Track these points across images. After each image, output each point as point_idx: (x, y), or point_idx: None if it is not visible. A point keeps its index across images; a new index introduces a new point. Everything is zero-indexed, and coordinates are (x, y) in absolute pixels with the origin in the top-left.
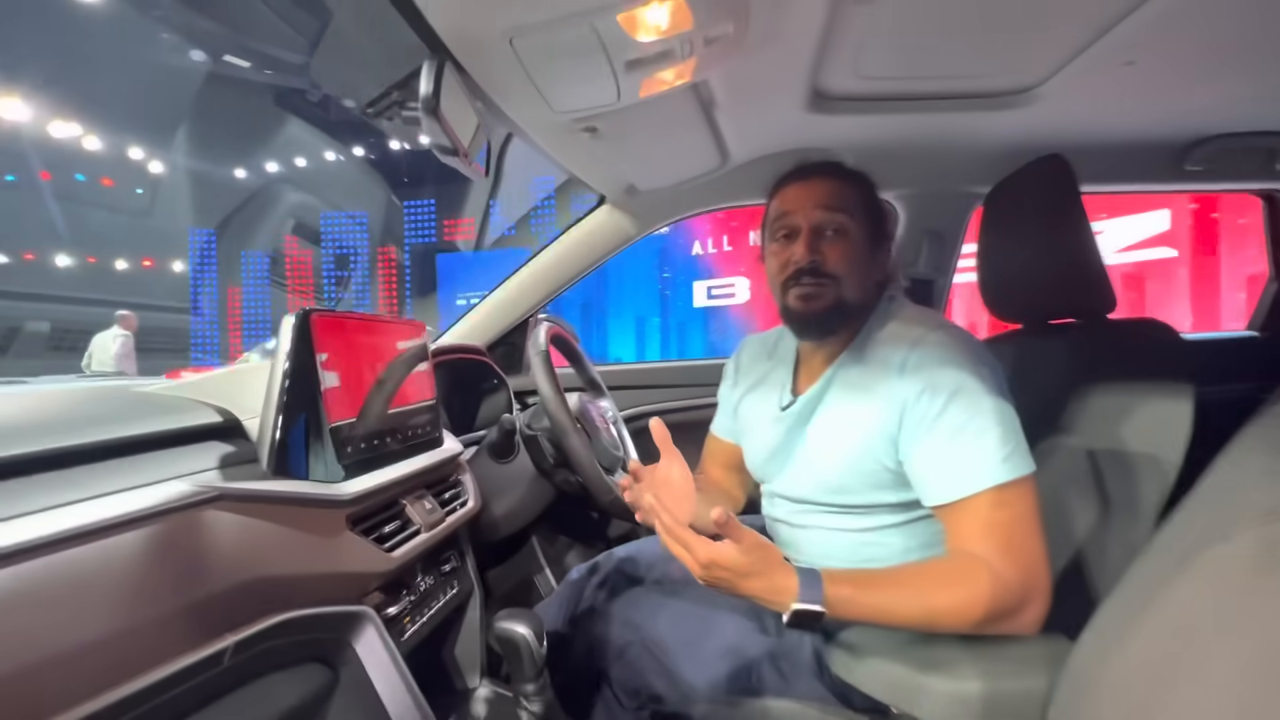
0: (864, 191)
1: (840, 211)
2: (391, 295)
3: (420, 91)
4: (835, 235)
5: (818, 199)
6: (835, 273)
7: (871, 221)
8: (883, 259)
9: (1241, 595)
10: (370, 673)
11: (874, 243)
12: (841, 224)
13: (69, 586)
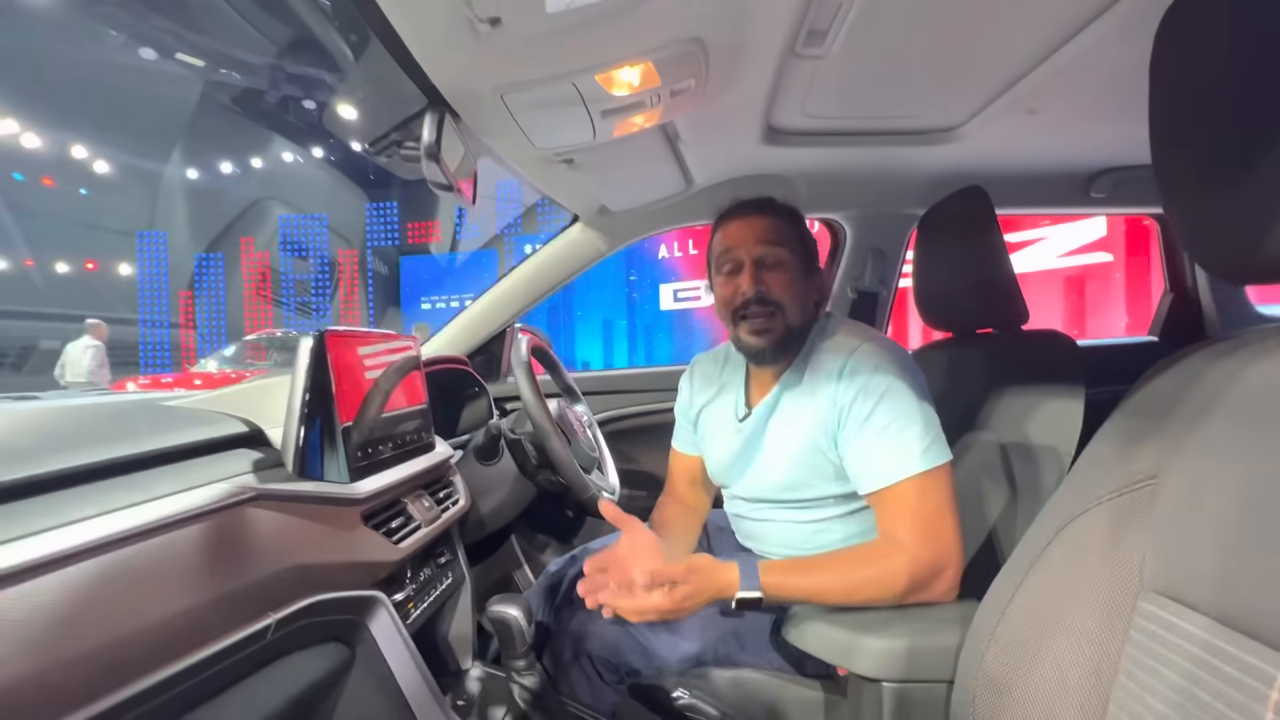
0: (796, 225)
1: (778, 245)
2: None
3: (424, 139)
4: (776, 266)
5: (757, 234)
6: (779, 300)
7: (805, 250)
8: (817, 282)
9: (1094, 557)
10: (384, 650)
11: (808, 269)
12: (780, 256)
13: (144, 573)
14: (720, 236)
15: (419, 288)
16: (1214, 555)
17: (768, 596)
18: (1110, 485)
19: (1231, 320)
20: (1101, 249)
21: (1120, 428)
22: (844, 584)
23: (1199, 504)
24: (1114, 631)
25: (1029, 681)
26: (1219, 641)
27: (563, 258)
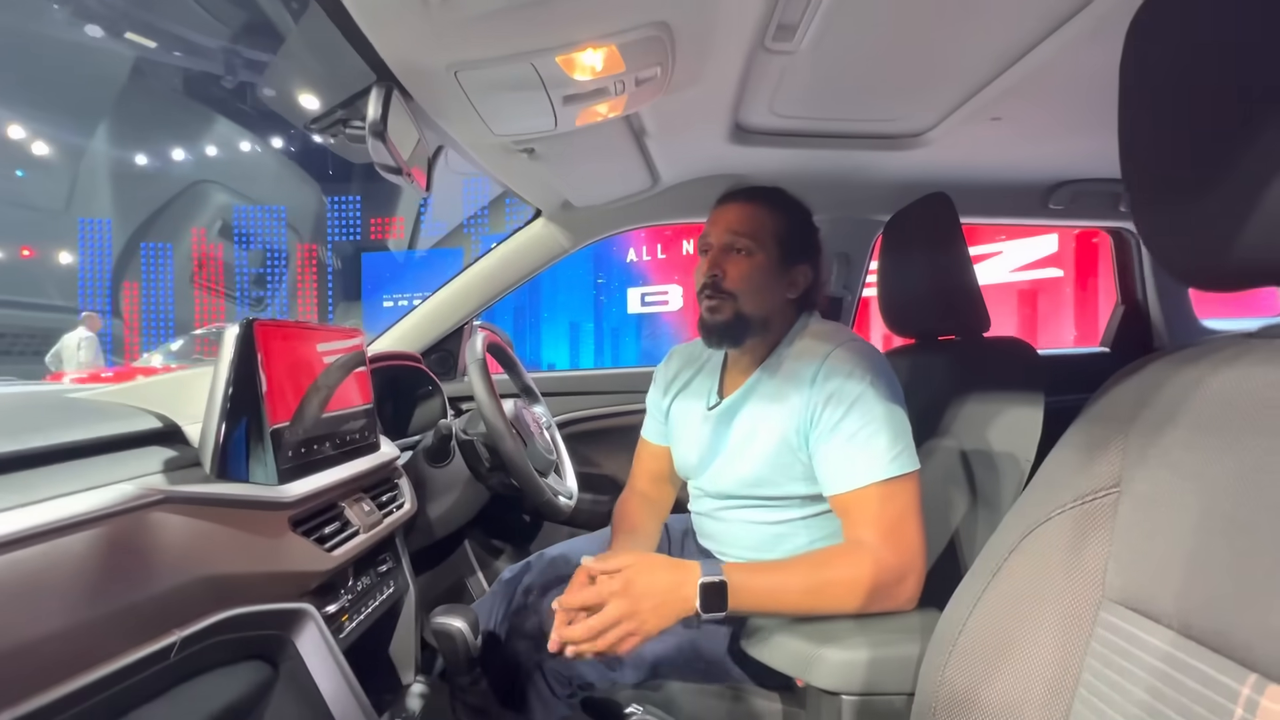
0: (780, 217)
1: (746, 235)
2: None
3: (368, 115)
4: (740, 255)
5: (728, 222)
6: (733, 289)
7: (782, 244)
8: (796, 279)
9: (1055, 567)
10: (311, 668)
11: (783, 263)
12: (746, 245)
13: (16, 587)
14: (706, 221)
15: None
16: (1176, 567)
17: (732, 590)
18: (1073, 493)
19: (1179, 332)
20: (1053, 264)
21: (1083, 435)
22: (808, 584)
23: (1161, 514)
24: (1075, 642)
25: (990, 692)
26: (1182, 655)
27: (524, 254)
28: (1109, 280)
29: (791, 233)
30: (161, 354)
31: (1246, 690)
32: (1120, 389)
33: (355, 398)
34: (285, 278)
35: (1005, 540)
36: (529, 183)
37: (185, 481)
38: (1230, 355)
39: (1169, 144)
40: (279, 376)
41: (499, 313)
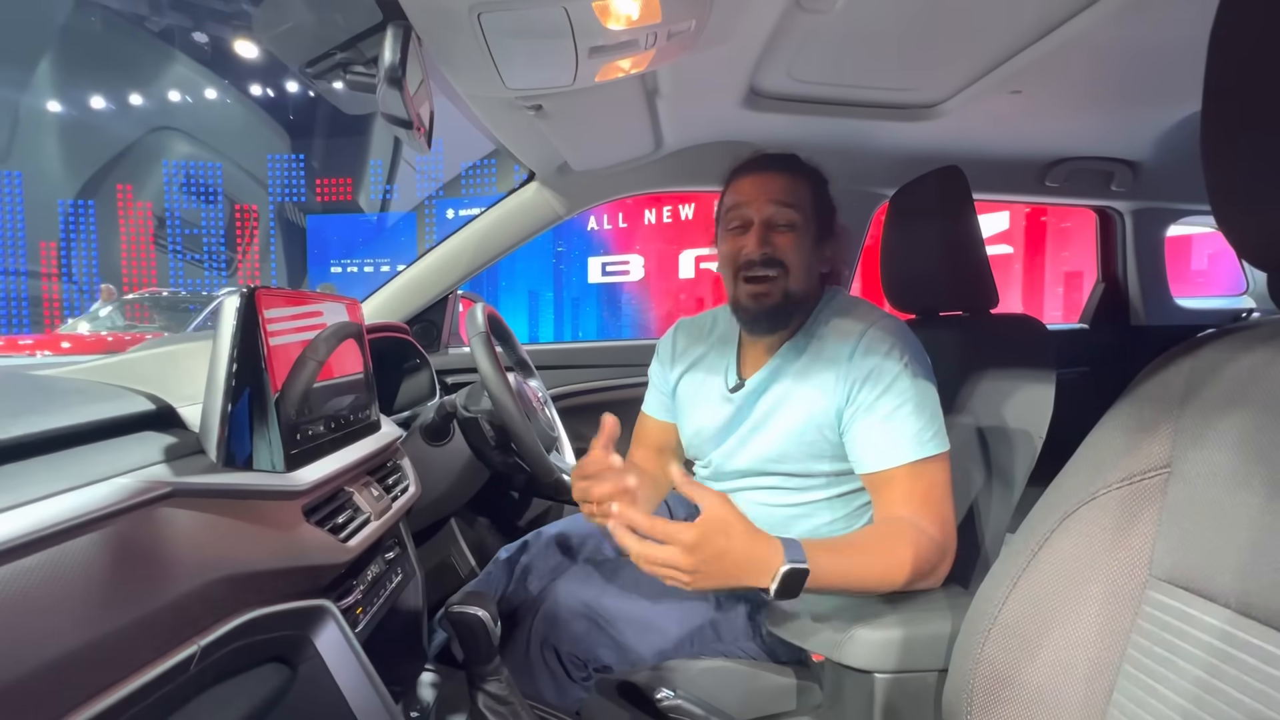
0: (815, 187)
1: (791, 207)
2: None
3: (384, 59)
4: (786, 229)
5: (771, 193)
6: (785, 262)
7: (820, 217)
8: (829, 253)
9: (1100, 546)
10: (331, 667)
11: (821, 237)
12: (791, 219)
13: (17, 604)
14: (732, 191)
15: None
16: (1237, 547)
17: (814, 574)
18: (1120, 474)
19: (1155, 310)
20: (1003, 241)
21: (1130, 416)
22: (883, 564)
23: (1219, 496)
24: (1120, 620)
25: (1031, 670)
26: (1240, 632)
27: (515, 219)
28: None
29: (826, 205)
30: (88, 320)
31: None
32: (1169, 370)
33: (353, 372)
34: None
35: (1046, 520)
36: (528, 142)
37: (188, 471)
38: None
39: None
40: (283, 352)
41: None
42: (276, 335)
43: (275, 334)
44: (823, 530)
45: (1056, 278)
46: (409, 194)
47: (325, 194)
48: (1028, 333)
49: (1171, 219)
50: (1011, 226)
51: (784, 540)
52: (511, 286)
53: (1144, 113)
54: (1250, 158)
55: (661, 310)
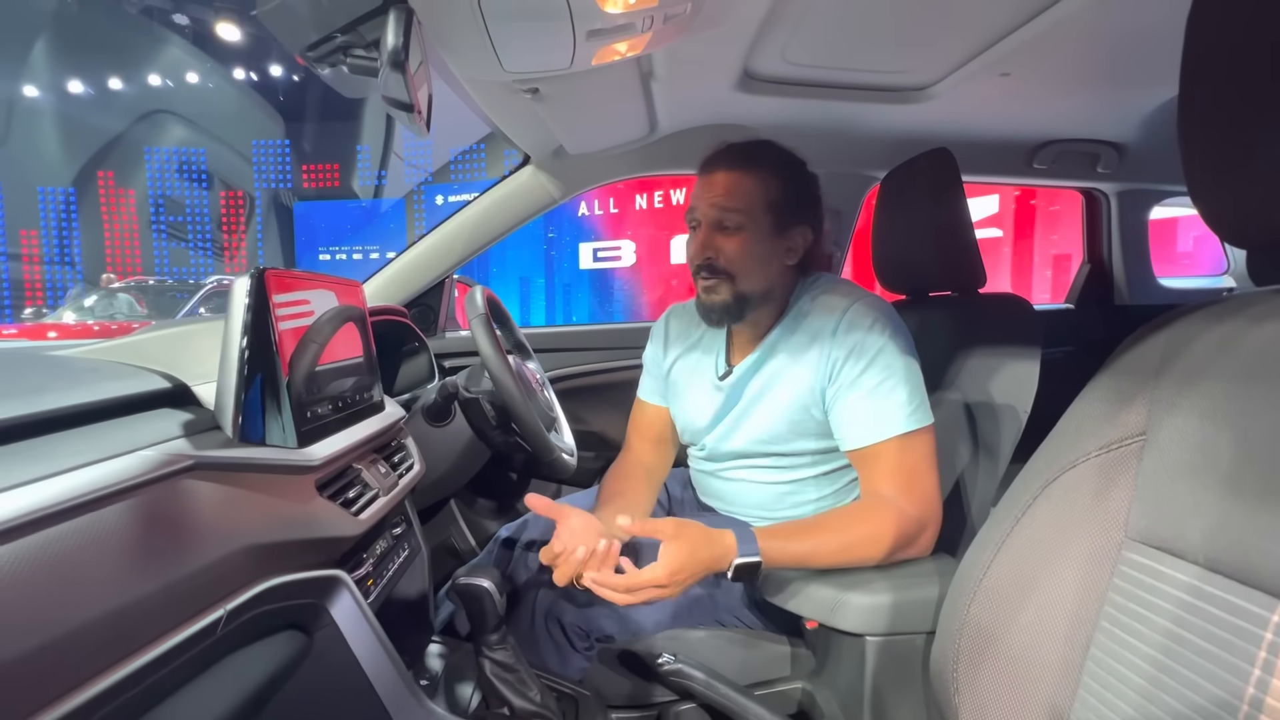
0: (772, 180)
1: (735, 210)
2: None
3: (387, 44)
4: (732, 230)
5: (715, 194)
6: (729, 269)
7: (777, 210)
8: (794, 242)
9: (1079, 510)
10: (347, 635)
11: (777, 231)
12: (737, 220)
13: (67, 561)
14: (693, 189)
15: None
16: (1205, 508)
17: (767, 561)
18: (1098, 442)
19: (1139, 291)
20: (993, 225)
21: (1108, 387)
22: (840, 544)
23: (1191, 461)
24: (1097, 580)
25: (1013, 627)
26: (1208, 587)
27: (511, 203)
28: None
29: (785, 195)
30: (73, 309)
31: (1276, 617)
32: (1146, 343)
33: (360, 354)
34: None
35: (1029, 488)
36: (523, 126)
37: (207, 446)
38: (1264, 311)
39: (1228, 109)
40: (291, 332)
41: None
42: (285, 315)
43: (284, 314)
44: (809, 507)
45: (1045, 260)
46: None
47: (314, 179)
48: (1014, 312)
49: (1155, 200)
50: (1001, 210)
51: (739, 533)
52: (503, 273)
53: (1129, 95)
54: (1224, 137)
55: (653, 296)
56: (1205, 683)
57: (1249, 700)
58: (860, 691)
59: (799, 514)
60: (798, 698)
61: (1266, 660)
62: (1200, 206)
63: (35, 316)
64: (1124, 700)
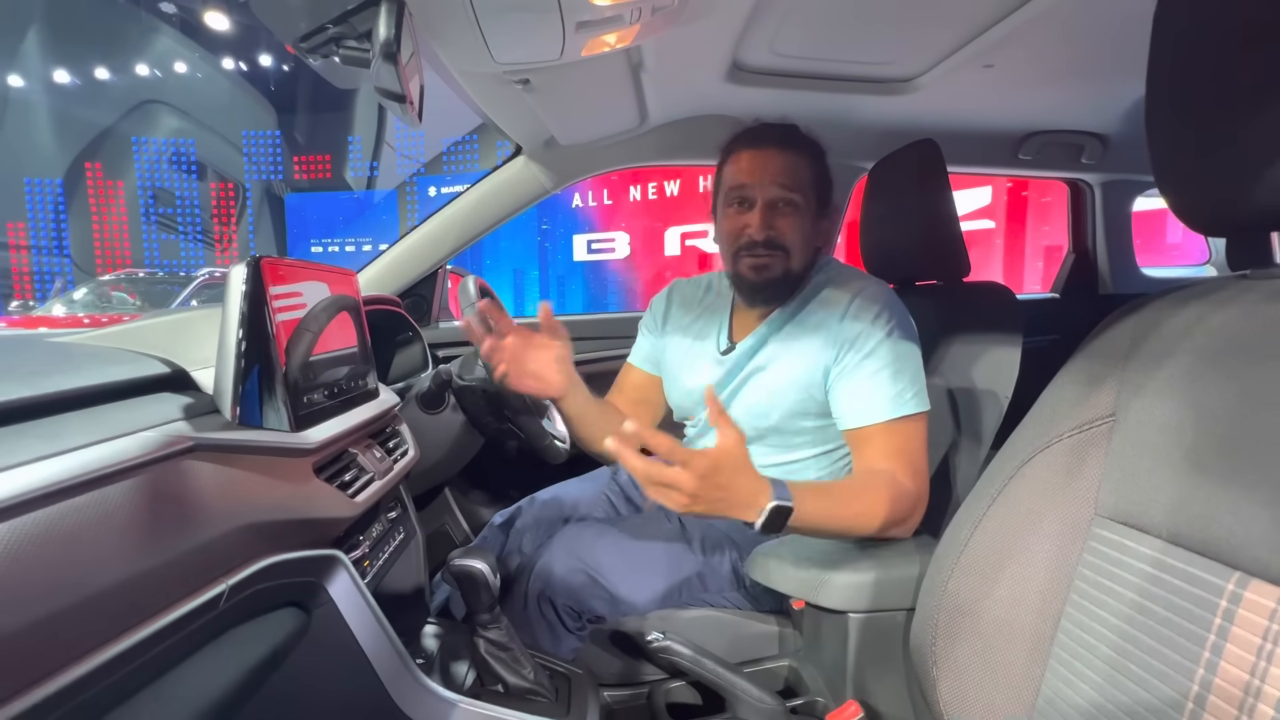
0: (815, 162)
1: (794, 189)
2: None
3: (380, 36)
4: (787, 209)
5: (774, 174)
6: (787, 245)
7: (820, 193)
8: (827, 227)
9: (1052, 489)
10: (344, 612)
11: (819, 213)
12: (794, 201)
13: (74, 535)
14: (733, 167)
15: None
16: (1169, 484)
17: (797, 508)
18: (1071, 423)
19: (1122, 280)
20: (986, 216)
21: (1081, 370)
22: (858, 510)
23: (1157, 438)
24: (1068, 555)
25: (989, 602)
26: (1170, 559)
27: (503, 193)
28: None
29: (825, 180)
30: (63, 302)
31: (1231, 586)
32: (1117, 328)
33: (355, 342)
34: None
35: (1005, 467)
36: (515, 116)
37: (208, 429)
38: (1230, 295)
39: (1192, 97)
40: (289, 320)
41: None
42: (281, 304)
43: (280, 303)
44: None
45: (1037, 251)
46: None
47: (306, 170)
48: (997, 300)
49: (1139, 191)
50: (993, 201)
51: (772, 480)
52: (496, 265)
53: (1112, 87)
54: (1190, 126)
55: (647, 288)
56: (1166, 649)
57: (1204, 664)
58: (844, 667)
59: None
60: (785, 675)
61: (1221, 626)
62: (1168, 196)
63: (23, 309)
64: (1091, 669)
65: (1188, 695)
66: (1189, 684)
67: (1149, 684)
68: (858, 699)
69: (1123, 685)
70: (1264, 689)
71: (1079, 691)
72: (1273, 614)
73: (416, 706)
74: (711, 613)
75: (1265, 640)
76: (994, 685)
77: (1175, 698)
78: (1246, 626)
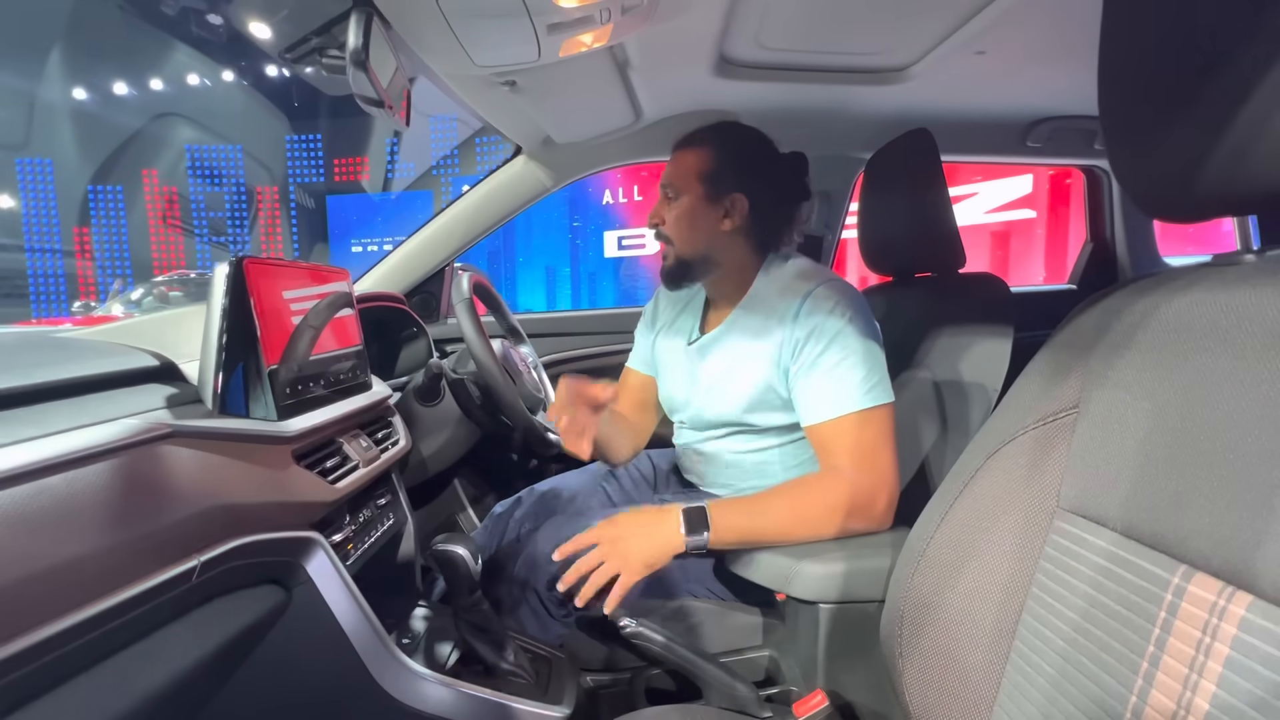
0: (705, 154)
1: (669, 183)
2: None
3: (349, 44)
4: (671, 202)
5: (666, 171)
6: (667, 234)
7: (707, 179)
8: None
9: (1017, 482)
10: (322, 591)
11: (711, 198)
12: (670, 192)
13: (46, 512)
14: None
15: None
16: (1124, 477)
17: (713, 518)
18: (1035, 415)
19: (1143, 269)
20: (1026, 206)
21: (1046, 362)
22: (787, 507)
23: (1114, 430)
24: (1030, 548)
25: (952, 595)
26: (1123, 552)
27: (505, 193)
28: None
29: (719, 165)
30: (122, 303)
31: (1175, 579)
32: (1083, 318)
33: (345, 337)
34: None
35: (972, 460)
36: (510, 117)
37: (188, 417)
38: (1185, 283)
39: (1143, 77)
40: (272, 314)
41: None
42: (263, 298)
43: (262, 297)
44: (781, 477)
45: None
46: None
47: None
48: (989, 291)
49: None
50: (1035, 190)
51: (685, 509)
52: (529, 262)
53: None
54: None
55: None
56: (1115, 643)
57: (1148, 658)
58: (816, 657)
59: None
60: (765, 664)
61: (1165, 620)
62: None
63: (85, 309)
64: (1047, 662)
65: (1132, 689)
66: (1134, 677)
67: (1098, 677)
68: (828, 688)
69: (1074, 678)
70: (1200, 682)
71: (1035, 684)
72: (1212, 607)
73: (394, 682)
74: (695, 603)
75: (1204, 634)
76: (957, 676)
77: (1121, 691)
78: (1188, 620)
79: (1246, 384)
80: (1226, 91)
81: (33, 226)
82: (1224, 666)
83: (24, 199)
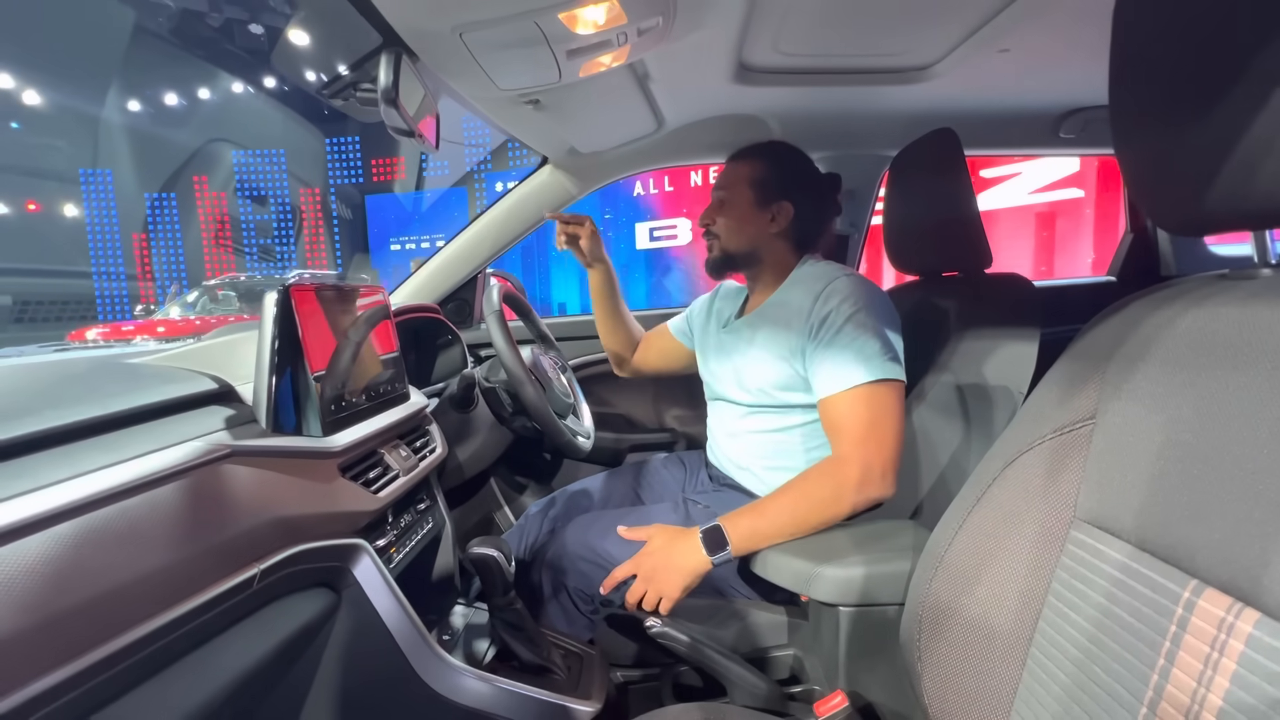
0: (755, 165)
1: (722, 187)
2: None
3: (380, 82)
4: (719, 205)
5: (717, 178)
6: (715, 232)
7: (756, 187)
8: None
9: (1034, 492)
10: (368, 592)
11: (759, 203)
12: (722, 197)
13: (126, 531)
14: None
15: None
16: (1138, 490)
17: (728, 527)
18: (1053, 425)
19: (1186, 261)
20: (1073, 185)
21: (1066, 370)
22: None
23: (1129, 443)
24: (1047, 558)
25: (969, 601)
26: (1136, 565)
27: (532, 201)
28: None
29: (768, 176)
30: (179, 307)
31: (1186, 593)
32: (1101, 328)
33: (383, 351)
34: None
35: (990, 468)
36: (535, 131)
37: (245, 436)
38: (1202, 295)
39: (1152, 93)
40: (316, 337)
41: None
42: (308, 322)
43: (307, 321)
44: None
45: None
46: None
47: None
48: (1014, 291)
49: None
50: (1083, 168)
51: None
52: (561, 257)
53: None
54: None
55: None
56: (1128, 654)
57: (1159, 670)
58: (838, 658)
59: (795, 463)
60: (790, 664)
61: (1175, 633)
62: (1133, 192)
63: (145, 313)
64: (1063, 671)
65: (1143, 700)
66: (1144, 689)
67: (1111, 688)
68: (850, 689)
69: (1088, 688)
70: (1208, 697)
71: (1050, 692)
72: (1220, 623)
73: (436, 677)
74: (722, 602)
75: (1212, 649)
76: (975, 681)
77: (1132, 701)
78: (1198, 634)
79: (1260, 400)
80: (1236, 107)
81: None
82: (1230, 682)
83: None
